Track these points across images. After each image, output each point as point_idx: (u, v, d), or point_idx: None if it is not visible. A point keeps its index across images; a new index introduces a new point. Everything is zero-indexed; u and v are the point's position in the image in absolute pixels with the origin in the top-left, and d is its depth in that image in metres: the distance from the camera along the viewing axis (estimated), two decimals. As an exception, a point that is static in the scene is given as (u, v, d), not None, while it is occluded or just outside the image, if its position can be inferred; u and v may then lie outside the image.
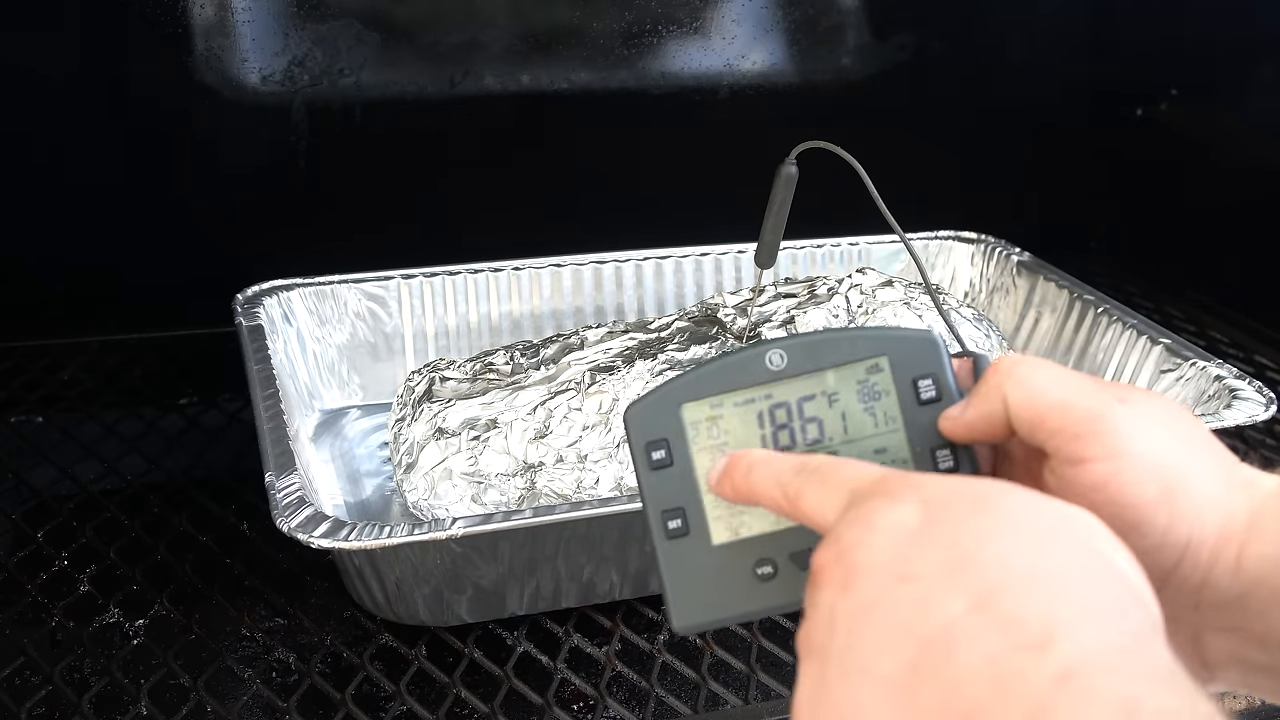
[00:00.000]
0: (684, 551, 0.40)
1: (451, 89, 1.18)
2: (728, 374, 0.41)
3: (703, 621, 0.40)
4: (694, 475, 0.41)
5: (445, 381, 0.86)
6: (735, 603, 0.40)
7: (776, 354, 0.41)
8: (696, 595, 0.40)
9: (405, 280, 1.03)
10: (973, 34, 1.34)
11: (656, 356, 0.85)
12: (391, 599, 0.74)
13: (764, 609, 0.40)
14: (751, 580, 0.40)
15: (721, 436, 0.41)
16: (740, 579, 0.40)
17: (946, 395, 0.40)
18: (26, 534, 0.87)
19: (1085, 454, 0.36)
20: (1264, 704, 0.74)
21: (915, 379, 0.40)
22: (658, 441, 0.41)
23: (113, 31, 1.10)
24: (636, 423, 0.41)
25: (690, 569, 0.40)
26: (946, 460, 0.40)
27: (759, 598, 0.40)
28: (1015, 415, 0.38)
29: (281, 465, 0.73)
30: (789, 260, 1.12)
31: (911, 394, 0.40)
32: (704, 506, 0.40)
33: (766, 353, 0.41)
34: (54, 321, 1.17)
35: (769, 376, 0.41)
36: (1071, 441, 0.37)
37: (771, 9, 1.24)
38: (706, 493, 0.40)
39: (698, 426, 0.41)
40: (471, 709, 0.71)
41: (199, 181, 1.16)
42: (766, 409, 0.41)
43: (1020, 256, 1.11)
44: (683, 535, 0.40)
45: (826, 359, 0.41)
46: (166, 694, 0.72)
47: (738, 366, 0.41)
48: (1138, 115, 1.38)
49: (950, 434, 0.40)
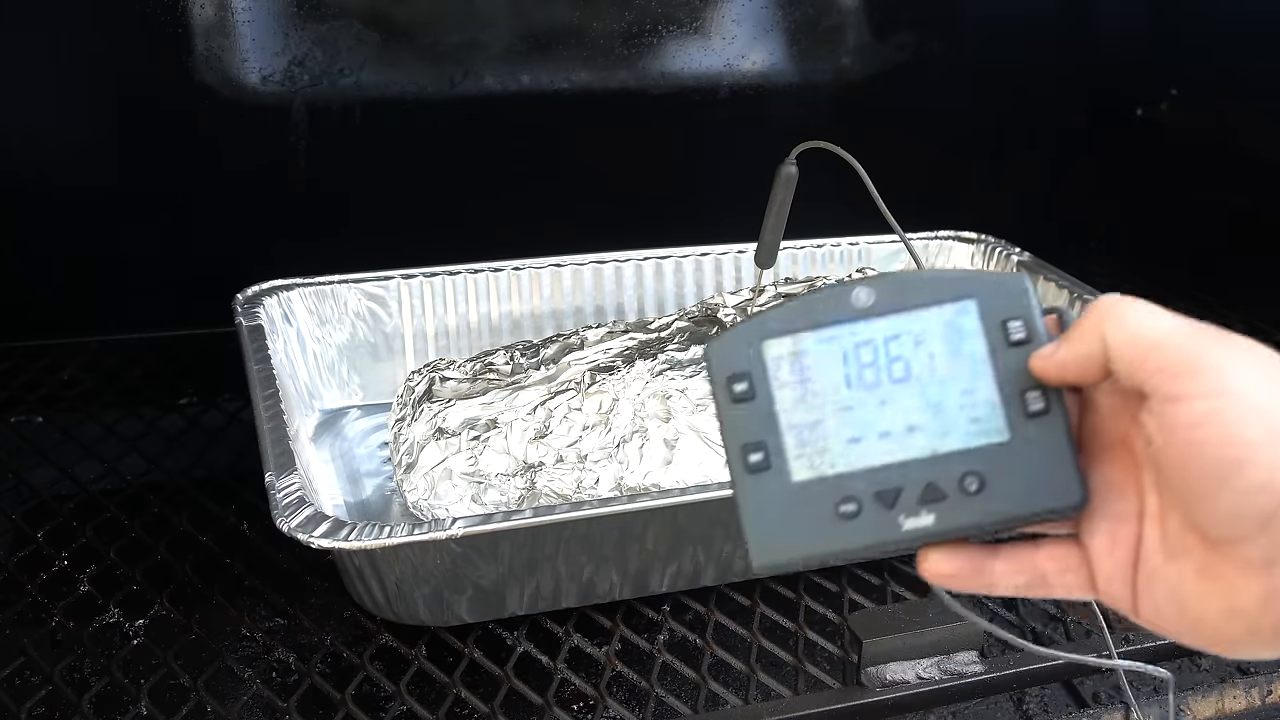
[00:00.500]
0: (764, 486, 0.39)
1: (451, 89, 1.18)
2: (812, 310, 0.40)
3: (781, 559, 0.39)
4: (775, 410, 0.40)
5: (445, 381, 0.86)
6: (816, 541, 0.39)
7: (863, 291, 0.40)
8: (776, 531, 0.39)
9: (405, 280, 1.03)
10: (972, 34, 1.34)
11: (656, 356, 0.85)
12: (391, 599, 0.74)
13: (844, 549, 0.39)
14: (833, 518, 0.39)
15: (804, 373, 0.40)
16: (822, 516, 0.39)
17: (1036, 338, 0.39)
18: (26, 534, 0.87)
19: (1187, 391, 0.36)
20: (1264, 704, 0.74)
21: (1005, 320, 0.39)
22: (739, 375, 0.40)
23: (113, 31, 1.10)
24: (719, 356, 0.40)
25: (770, 504, 0.39)
26: (1037, 402, 0.39)
27: (840, 537, 0.39)
28: (1114, 354, 0.37)
29: (281, 465, 0.73)
30: (789, 260, 1.12)
31: (1001, 336, 0.39)
32: (785, 442, 0.39)
33: (853, 290, 0.40)
34: (54, 321, 1.17)
35: (854, 314, 0.40)
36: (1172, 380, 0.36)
37: (771, 9, 1.24)
38: (788, 429, 0.39)
39: (780, 362, 0.40)
40: (471, 709, 0.71)
41: (199, 181, 1.16)
42: (851, 346, 0.40)
43: (1020, 256, 1.11)
44: (763, 469, 0.39)
45: (914, 299, 0.40)
46: (166, 694, 0.72)
47: (822, 303, 0.40)
48: (1138, 115, 1.38)
49: (1043, 373, 0.39)
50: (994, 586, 0.40)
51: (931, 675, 0.72)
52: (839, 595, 0.82)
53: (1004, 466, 0.38)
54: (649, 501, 0.73)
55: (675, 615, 0.80)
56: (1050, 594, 0.40)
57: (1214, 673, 0.76)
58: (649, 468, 0.79)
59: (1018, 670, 0.74)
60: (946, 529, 0.39)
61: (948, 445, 0.39)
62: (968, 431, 0.39)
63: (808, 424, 0.39)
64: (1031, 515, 0.39)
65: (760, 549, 0.39)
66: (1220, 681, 0.75)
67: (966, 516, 0.38)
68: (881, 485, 0.39)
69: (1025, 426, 0.39)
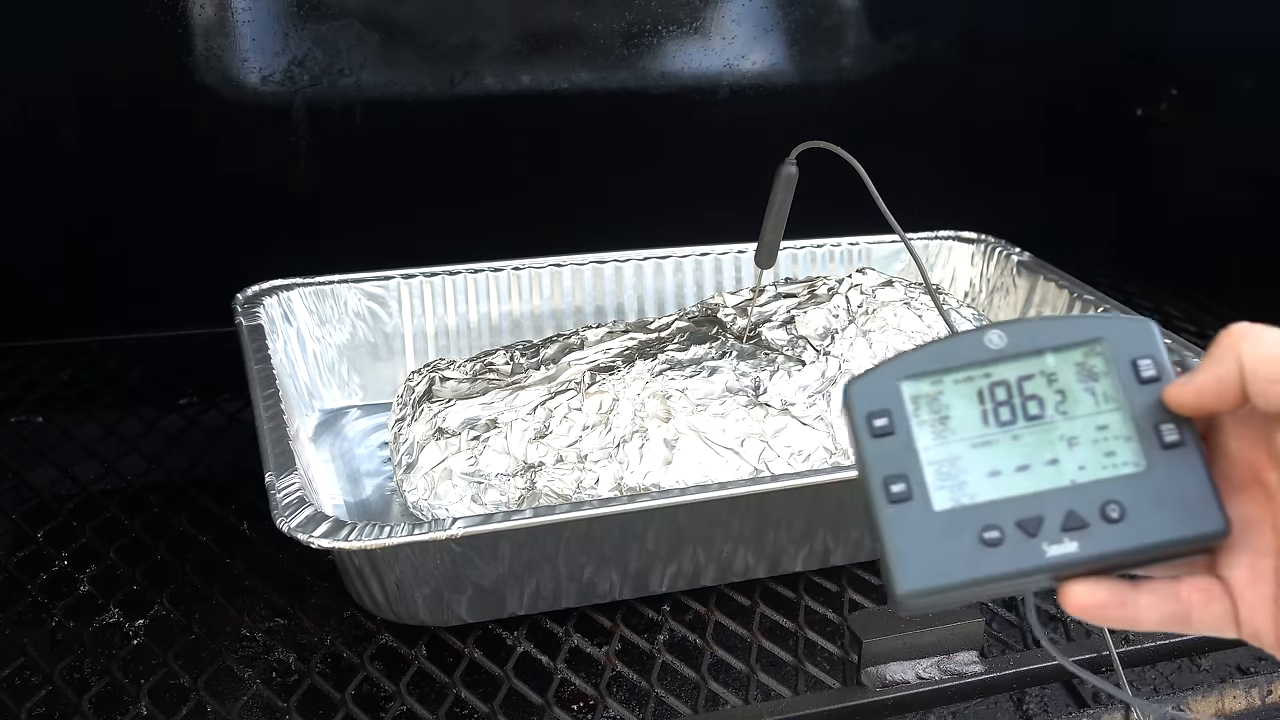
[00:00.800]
0: (907, 516, 0.40)
1: (451, 89, 1.18)
2: (947, 353, 0.42)
3: (927, 586, 0.40)
4: (915, 445, 0.41)
5: (445, 381, 0.86)
6: (961, 569, 0.40)
7: (996, 334, 0.42)
8: (920, 560, 0.40)
9: (405, 280, 1.03)
10: (972, 34, 1.34)
11: (656, 356, 0.85)
12: (391, 599, 0.74)
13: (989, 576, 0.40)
14: (977, 546, 0.40)
15: (942, 411, 0.42)
16: (966, 544, 0.40)
17: (1166, 375, 0.41)
18: (26, 534, 0.87)
19: None
20: (1264, 703, 0.74)
21: (1134, 359, 0.41)
22: (880, 411, 0.42)
23: (113, 31, 1.10)
24: (860, 395, 0.42)
25: (913, 534, 0.40)
26: (1171, 434, 0.40)
27: (985, 564, 0.40)
28: (1251, 373, 0.37)
29: (281, 465, 0.73)
30: (789, 260, 1.12)
31: (1131, 373, 0.41)
32: (926, 475, 0.41)
33: (986, 334, 0.42)
34: (54, 321, 1.17)
35: (988, 356, 0.42)
36: None
37: (771, 9, 1.24)
38: (929, 462, 0.41)
39: (918, 401, 0.42)
40: (471, 709, 0.71)
41: (199, 181, 1.16)
42: (986, 386, 0.42)
43: (1020, 256, 1.11)
44: (905, 500, 0.41)
45: (1044, 341, 0.42)
46: (166, 694, 0.72)
47: (957, 346, 0.42)
48: (1138, 115, 1.38)
49: (1179, 401, 0.40)
50: (1137, 620, 0.40)
51: (931, 675, 0.72)
52: (839, 595, 0.82)
53: (1144, 495, 0.40)
54: (649, 501, 0.73)
55: (675, 615, 0.80)
56: (1191, 629, 0.40)
57: (1214, 673, 0.76)
58: (649, 468, 0.79)
59: (1018, 670, 0.74)
60: (1090, 556, 0.39)
61: (1085, 476, 0.40)
62: (1104, 464, 0.40)
63: (947, 458, 0.41)
64: (1174, 542, 0.39)
65: (905, 576, 0.40)
66: (1220, 681, 0.75)
67: (1110, 544, 0.39)
68: (1023, 514, 0.40)
69: (1162, 458, 0.40)
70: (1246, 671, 0.76)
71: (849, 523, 0.81)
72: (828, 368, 0.85)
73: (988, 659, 0.74)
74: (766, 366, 0.85)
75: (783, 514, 0.78)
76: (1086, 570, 0.40)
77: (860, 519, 0.81)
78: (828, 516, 0.80)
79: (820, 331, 0.88)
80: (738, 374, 0.84)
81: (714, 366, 0.84)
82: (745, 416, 0.81)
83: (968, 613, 0.73)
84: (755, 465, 0.80)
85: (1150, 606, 0.39)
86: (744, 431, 0.81)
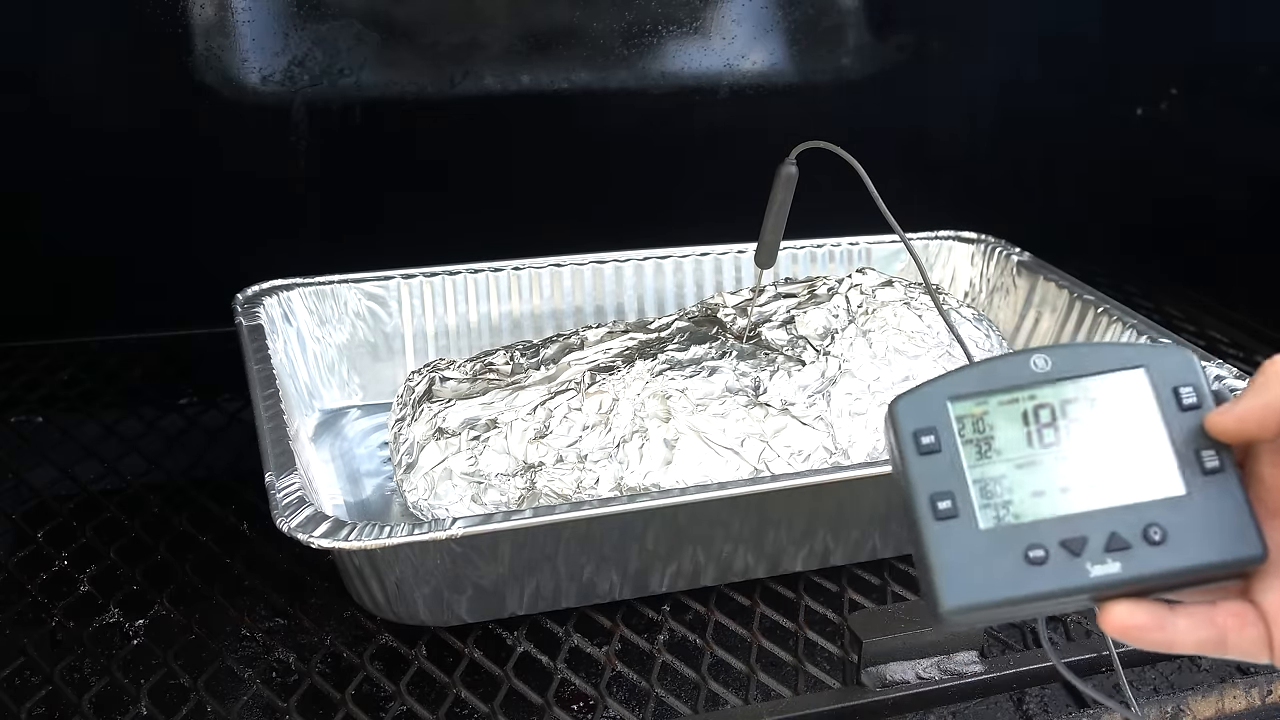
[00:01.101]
0: (952, 533, 0.41)
1: (451, 89, 1.18)
2: (993, 375, 0.44)
3: (971, 602, 0.40)
4: (961, 463, 0.42)
5: (445, 381, 0.86)
6: (1005, 586, 0.40)
7: (1041, 358, 0.43)
8: (965, 576, 0.41)
9: (405, 280, 1.03)
10: (972, 34, 1.34)
11: (656, 356, 0.85)
12: (391, 599, 0.74)
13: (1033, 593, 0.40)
14: (1022, 564, 0.41)
15: (987, 431, 0.43)
16: (1011, 562, 0.41)
17: (1206, 402, 0.42)
18: (26, 534, 0.87)
19: None
20: (1264, 703, 0.74)
21: (1176, 387, 0.43)
22: (926, 429, 0.43)
23: (113, 31, 1.10)
24: (906, 412, 0.43)
25: (958, 550, 0.41)
26: (1211, 460, 0.41)
27: (1030, 582, 0.40)
28: None
29: (281, 465, 0.73)
30: (789, 260, 1.12)
31: (1173, 400, 0.43)
32: (971, 493, 0.42)
33: (1031, 357, 0.43)
34: (54, 321, 1.17)
35: (1033, 379, 0.43)
36: None
37: (771, 9, 1.24)
38: (974, 481, 0.42)
39: (964, 421, 0.43)
40: (471, 709, 0.71)
41: (199, 181, 1.16)
42: (1031, 408, 0.43)
43: (1020, 256, 1.11)
44: (951, 517, 0.41)
45: (1088, 366, 0.43)
46: (166, 694, 0.72)
47: (1002, 368, 0.44)
48: (1138, 115, 1.38)
49: (1220, 428, 0.41)
50: (1174, 643, 0.40)
51: (931, 675, 0.72)
52: (839, 595, 0.82)
53: (1184, 519, 0.41)
54: (649, 501, 0.73)
55: (675, 615, 0.80)
56: (1226, 653, 0.40)
57: (1214, 673, 0.76)
58: (649, 468, 0.79)
59: (1018, 670, 0.74)
60: (1133, 577, 0.40)
61: (1127, 499, 0.41)
62: (1145, 487, 0.41)
63: (992, 477, 0.42)
64: (1214, 566, 0.40)
65: (950, 592, 0.41)
66: (1220, 681, 0.75)
67: (1152, 565, 0.40)
68: (1067, 534, 0.41)
69: (1202, 483, 0.41)
70: (1246, 671, 0.76)
71: (849, 523, 0.81)
72: (828, 368, 0.85)
73: (988, 659, 0.74)
74: (766, 366, 0.85)
75: (783, 514, 0.78)
76: (1127, 591, 0.40)
77: (860, 519, 0.81)
78: (828, 516, 0.80)
79: (820, 331, 0.88)
80: (738, 374, 0.84)
81: (714, 366, 0.84)
82: (745, 416, 0.81)
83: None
84: (755, 465, 0.80)
85: (1187, 630, 0.40)
86: (744, 431, 0.81)
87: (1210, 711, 0.74)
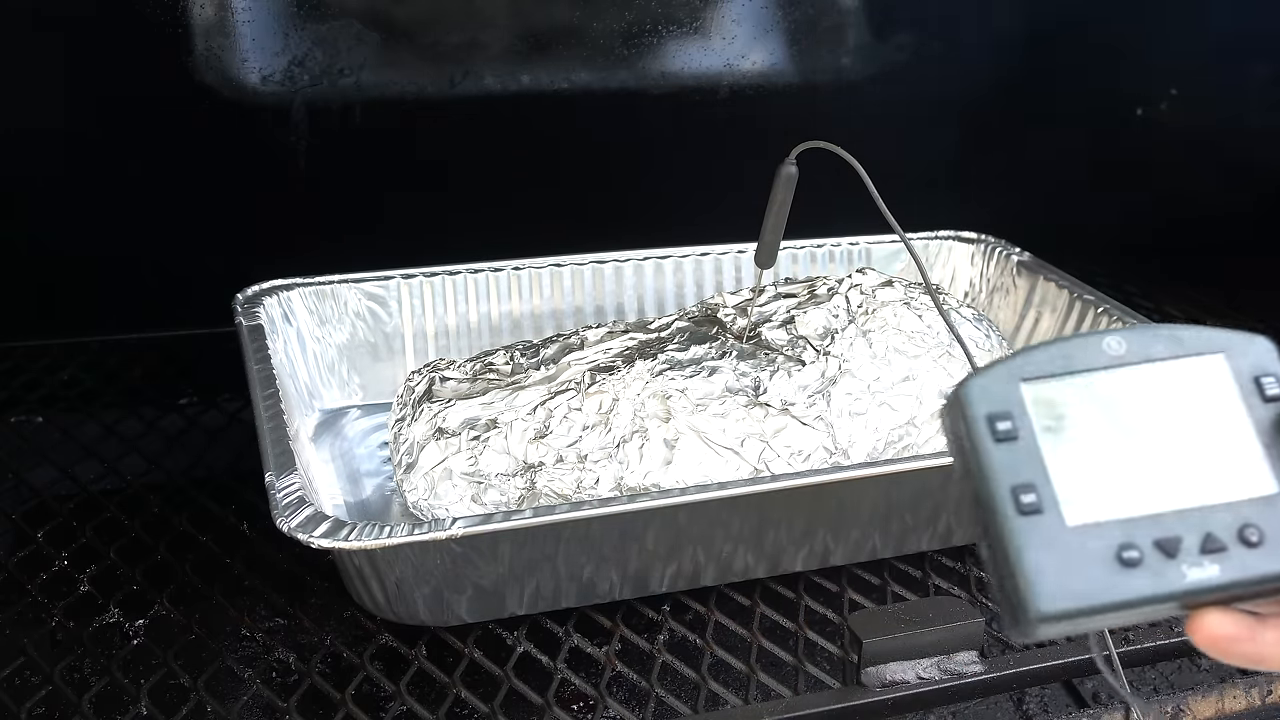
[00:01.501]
0: (1039, 530, 0.38)
1: (451, 89, 1.18)
2: (1065, 356, 0.40)
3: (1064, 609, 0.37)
4: (1040, 452, 0.39)
5: (445, 381, 0.86)
6: (1100, 590, 0.37)
7: (1115, 340, 0.41)
8: (1056, 580, 0.37)
9: (405, 280, 1.03)
10: (972, 34, 1.34)
11: (656, 356, 0.85)
12: (391, 599, 0.74)
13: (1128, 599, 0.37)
14: (1115, 566, 0.37)
15: (1064, 417, 0.39)
16: (1103, 564, 0.37)
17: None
18: (26, 534, 0.87)
19: None
20: (1264, 703, 0.74)
21: (1257, 376, 0.40)
22: (1001, 414, 0.39)
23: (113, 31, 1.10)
24: (977, 395, 0.39)
25: (1047, 550, 0.37)
26: None
27: (1124, 586, 0.37)
28: None
29: (281, 465, 0.73)
30: (789, 260, 1.12)
31: (1254, 390, 0.40)
32: (1054, 484, 0.38)
33: (1104, 339, 0.41)
34: (54, 321, 1.17)
35: (1108, 361, 0.40)
36: None
37: (771, 9, 1.24)
38: (1056, 472, 0.38)
39: (1039, 405, 0.39)
40: (471, 709, 0.71)
41: (199, 181, 1.16)
42: (1107, 393, 0.40)
43: (1020, 256, 1.11)
44: (1036, 512, 0.38)
45: (1165, 350, 0.40)
46: (166, 694, 0.72)
47: (1075, 349, 0.40)
48: (1138, 115, 1.38)
49: None
50: (1264, 658, 0.38)
51: (931, 675, 0.72)
52: (839, 595, 0.82)
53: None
54: (649, 501, 0.73)
55: (675, 615, 0.80)
56: None
57: (1214, 673, 0.76)
58: (649, 468, 0.79)
59: (1018, 670, 0.74)
60: (1231, 581, 0.37)
61: (1216, 496, 0.38)
62: (1235, 484, 0.39)
63: (1075, 468, 0.39)
64: None
65: (1041, 597, 0.37)
66: (1220, 681, 0.75)
67: (1250, 569, 0.37)
68: (1160, 533, 0.38)
69: None
70: (1246, 671, 0.76)
71: (849, 523, 0.81)
72: (827, 368, 0.85)
73: (988, 659, 0.74)
74: (766, 366, 0.85)
75: (782, 514, 0.78)
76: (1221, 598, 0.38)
77: (859, 519, 0.81)
78: (828, 516, 0.80)
79: (820, 331, 0.88)
80: (738, 374, 0.84)
81: (714, 366, 0.84)
82: (745, 416, 0.81)
83: (968, 612, 0.73)
84: (755, 465, 0.80)
85: (1276, 642, 0.38)
86: (744, 431, 0.81)
87: (1210, 711, 0.74)
